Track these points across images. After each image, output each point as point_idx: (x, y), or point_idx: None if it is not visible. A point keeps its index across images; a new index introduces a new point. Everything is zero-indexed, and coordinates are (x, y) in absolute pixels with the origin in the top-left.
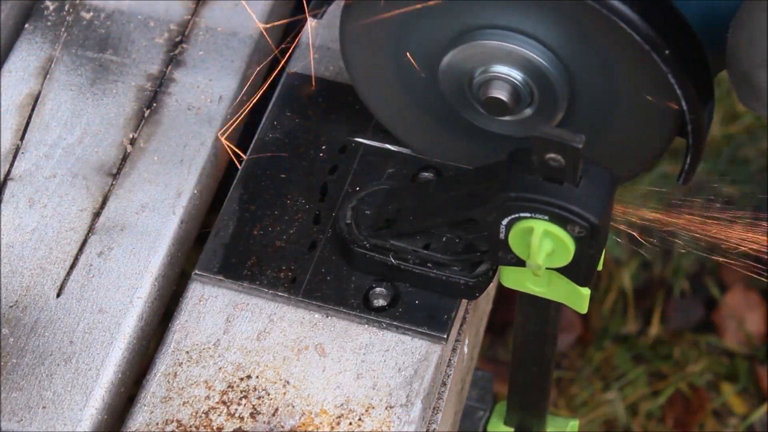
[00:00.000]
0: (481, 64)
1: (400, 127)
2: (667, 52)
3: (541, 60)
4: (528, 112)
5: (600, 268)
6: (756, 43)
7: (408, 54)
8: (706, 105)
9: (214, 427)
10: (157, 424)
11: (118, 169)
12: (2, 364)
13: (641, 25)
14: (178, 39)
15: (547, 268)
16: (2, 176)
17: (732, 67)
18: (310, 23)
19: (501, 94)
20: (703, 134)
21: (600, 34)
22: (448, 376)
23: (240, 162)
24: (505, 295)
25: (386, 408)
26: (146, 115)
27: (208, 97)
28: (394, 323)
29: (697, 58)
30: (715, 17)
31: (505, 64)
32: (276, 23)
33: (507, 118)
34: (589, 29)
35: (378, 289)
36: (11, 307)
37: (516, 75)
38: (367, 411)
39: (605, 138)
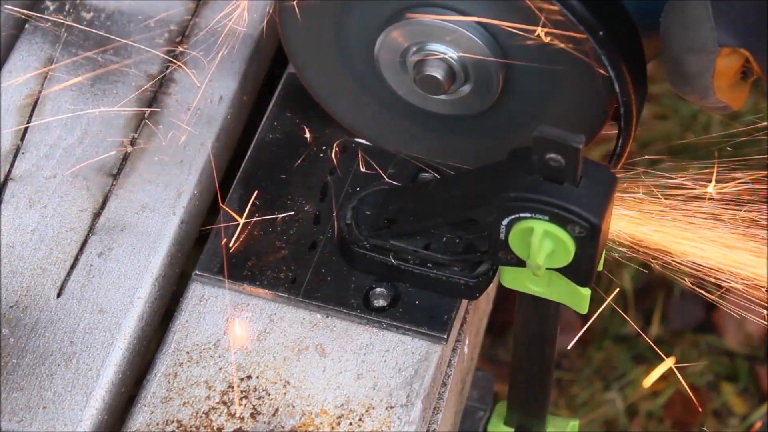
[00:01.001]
0: (416, 43)
1: (342, 109)
2: (601, 33)
3: (475, 38)
4: (465, 90)
5: (600, 268)
6: (687, 28)
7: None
8: (639, 88)
9: (215, 428)
10: (158, 424)
11: (118, 170)
12: (3, 364)
13: (576, 5)
14: (178, 39)
15: (547, 269)
16: (2, 176)
17: (664, 52)
18: None
19: (436, 72)
20: (633, 117)
21: (535, 15)
22: (449, 377)
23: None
24: (505, 295)
25: (386, 408)
26: (146, 115)
27: (208, 97)
28: (395, 323)
29: (632, 42)
30: (651, 2)
31: (439, 43)
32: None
33: (443, 96)
34: (525, 9)
35: (378, 290)
36: (11, 307)
37: (451, 54)
38: (367, 411)
39: (540, 118)
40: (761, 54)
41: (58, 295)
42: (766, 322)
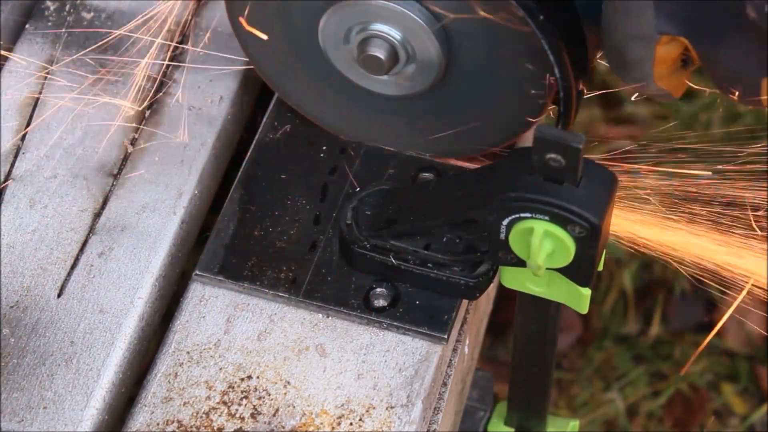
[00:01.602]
0: (359, 23)
1: (292, 92)
2: (541, 18)
3: (417, 18)
4: (408, 70)
5: (600, 268)
6: (627, 16)
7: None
8: (580, 74)
9: (215, 428)
10: (158, 424)
11: (118, 170)
12: (3, 364)
13: None
14: (178, 39)
15: (547, 269)
16: (3, 176)
17: (606, 39)
18: None
19: (378, 52)
20: (572, 103)
21: None
22: (449, 377)
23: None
24: (505, 296)
25: (387, 408)
26: (147, 115)
27: (208, 97)
28: (395, 323)
29: (573, 28)
30: None
31: (382, 23)
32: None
33: (385, 77)
34: None
35: (378, 290)
36: (12, 307)
37: (394, 34)
38: (367, 411)
39: (483, 101)
40: (700, 42)
41: (59, 295)
42: (766, 326)
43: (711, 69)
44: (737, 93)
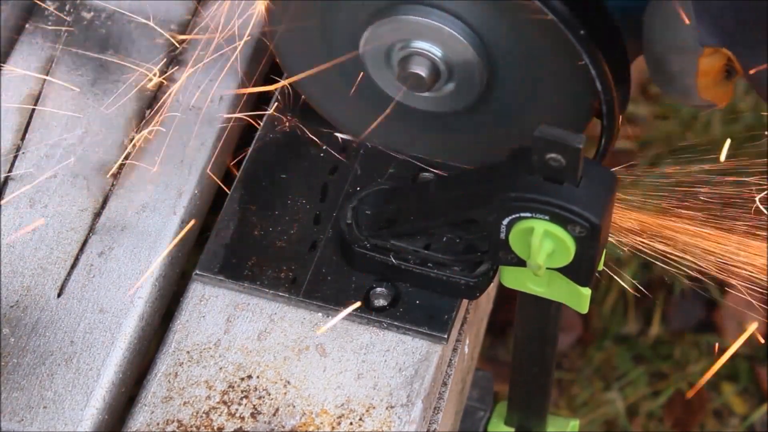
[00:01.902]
0: (401, 40)
1: (331, 109)
2: (582, 32)
3: (459, 37)
4: (449, 88)
5: (600, 268)
6: (669, 28)
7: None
8: (621, 86)
9: (215, 427)
10: (158, 424)
11: (118, 169)
12: (3, 364)
13: (557, 4)
14: (178, 39)
15: (547, 268)
16: (3, 176)
17: (647, 51)
18: None
19: (420, 69)
20: (616, 115)
21: (518, 14)
22: (449, 376)
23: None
24: (505, 295)
25: (387, 408)
26: (147, 115)
27: (208, 97)
28: (395, 323)
29: (613, 40)
30: (634, 1)
31: (424, 40)
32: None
33: (426, 94)
34: (508, 8)
35: (378, 289)
36: (12, 307)
37: (435, 51)
38: (367, 411)
39: (524, 118)
40: (742, 53)
41: (59, 295)
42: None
43: (753, 80)
44: None
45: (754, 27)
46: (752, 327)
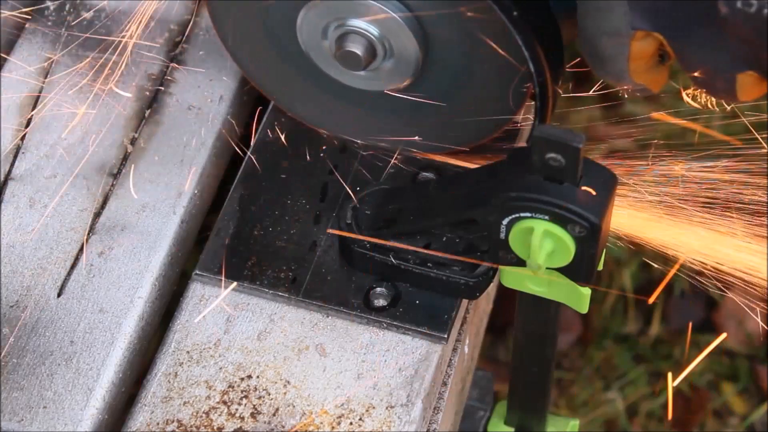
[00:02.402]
0: (336, 19)
1: (269, 84)
2: (515, 13)
3: (395, 15)
4: (386, 66)
5: (600, 268)
6: (602, 11)
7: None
8: (556, 69)
9: (215, 427)
10: (158, 423)
11: (118, 169)
12: (3, 363)
13: None
14: (178, 39)
15: (547, 268)
16: (3, 176)
17: (581, 34)
18: None
19: (356, 48)
20: (548, 98)
21: None
22: (449, 376)
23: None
24: (505, 295)
25: (387, 408)
26: (147, 115)
27: (208, 97)
28: (395, 323)
29: (547, 23)
30: None
31: (359, 18)
32: None
33: (364, 72)
34: None
35: (378, 289)
36: (12, 307)
37: (371, 30)
38: (367, 411)
39: (460, 98)
40: (674, 38)
41: (59, 295)
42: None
43: (685, 64)
44: (712, 88)
45: (686, 11)
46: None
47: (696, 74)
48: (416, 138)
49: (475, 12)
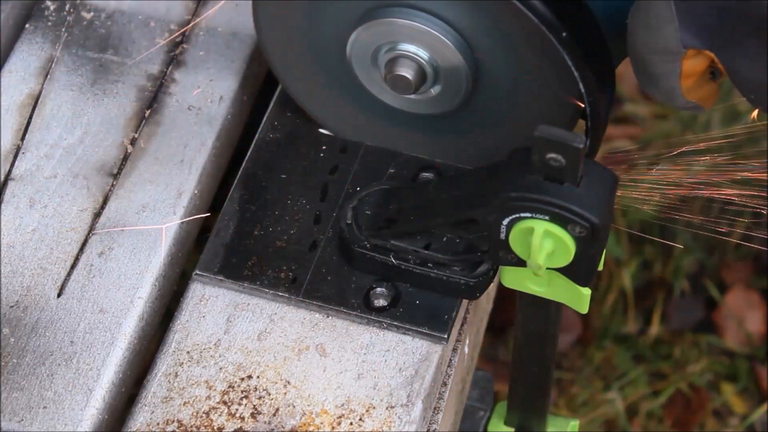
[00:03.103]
0: (387, 42)
1: (315, 106)
2: (564, 34)
3: (445, 39)
4: (435, 90)
5: (600, 268)
6: (652, 30)
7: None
8: (605, 88)
9: (215, 427)
10: (158, 424)
11: (118, 169)
12: (3, 364)
13: (539, 6)
14: (178, 39)
15: (547, 268)
16: (3, 176)
17: (631, 53)
18: None
19: (406, 72)
20: (600, 117)
21: (503, 17)
22: (449, 376)
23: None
24: (505, 295)
25: (387, 408)
26: (147, 115)
27: (208, 97)
28: (395, 323)
29: (597, 42)
30: (617, 2)
31: (411, 43)
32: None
33: (412, 96)
34: (493, 11)
35: (378, 289)
36: (12, 307)
37: (421, 54)
38: (367, 411)
39: (508, 121)
40: (726, 55)
41: (59, 295)
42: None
43: (737, 80)
44: (764, 104)
45: (737, 28)
46: None
47: (748, 91)
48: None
49: (525, 35)
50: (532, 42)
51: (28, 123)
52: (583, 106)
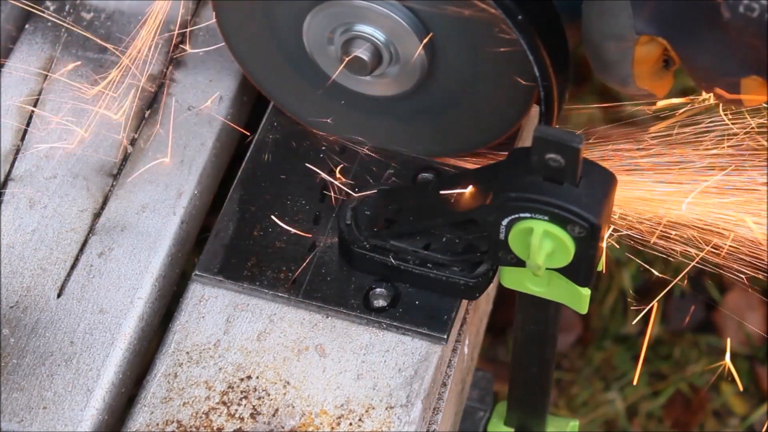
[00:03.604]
0: (343, 24)
1: (274, 88)
2: (520, 17)
3: (400, 20)
4: (392, 71)
5: (600, 268)
6: (604, 16)
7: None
8: (561, 73)
9: (215, 428)
10: (158, 424)
11: (118, 170)
12: (3, 364)
13: None
14: (178, 39)
15: (547, 269)
16: (3, 176)
17: (585, 38)
18: None
19: (362, 53)
20: (553, 102)
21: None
22: (449, 377)
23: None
24: (505, 295)
25: (386, 408)
26: (147, 115)
27: (208, 97)
28: (395, 324)
29: (553, 27)
30: None
31: (366, 24)
32: None
33: (370, 77)
34: None
35: (378, 290)
36: (12, 307)
37: (377, 35)
38: (367, 411)
39: (465, 102)
40: (678, 42)
41: (59, 296)
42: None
43: (690, 69)
44: (717, 92)
45: (690, 16)
46: None
47: (700, 79)
48: (418, 144)
49: (482, 17)
50: (487, 25)
51: (28, 123)
52: (537, 89)
